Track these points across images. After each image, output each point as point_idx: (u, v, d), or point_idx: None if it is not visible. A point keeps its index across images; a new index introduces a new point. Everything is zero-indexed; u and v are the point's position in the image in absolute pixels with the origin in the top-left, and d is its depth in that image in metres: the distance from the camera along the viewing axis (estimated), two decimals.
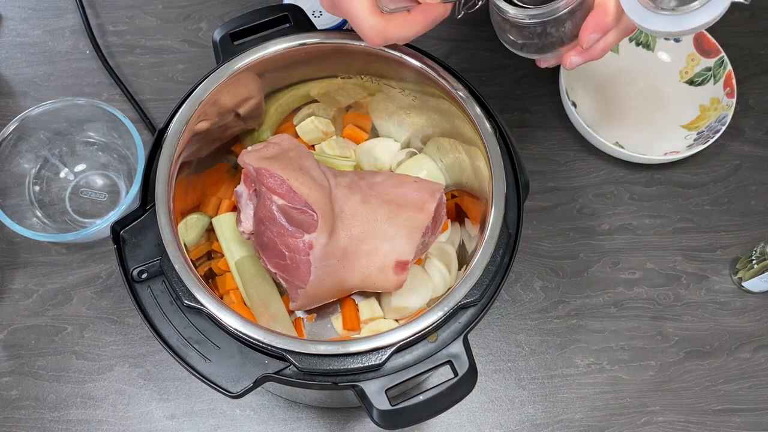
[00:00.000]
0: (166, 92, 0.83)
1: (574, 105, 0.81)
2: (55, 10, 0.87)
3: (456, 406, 0.51)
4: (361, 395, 0.51)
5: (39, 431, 0.68)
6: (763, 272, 0.73)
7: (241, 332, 0.51)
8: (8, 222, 0.68)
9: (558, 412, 0.71)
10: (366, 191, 0.63)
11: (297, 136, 0.74)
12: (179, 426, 0.69)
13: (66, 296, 0.73)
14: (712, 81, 0.83)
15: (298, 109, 0.72)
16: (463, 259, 0.68)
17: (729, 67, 0.82)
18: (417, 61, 0.61)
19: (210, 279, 0.68)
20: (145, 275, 0.54)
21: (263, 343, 0.50)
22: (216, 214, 0.69)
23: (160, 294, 0.53)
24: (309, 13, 0.64)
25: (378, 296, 0.70)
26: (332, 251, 0.60)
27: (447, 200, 0.67)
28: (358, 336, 0.68)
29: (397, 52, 0.61)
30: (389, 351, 0.51)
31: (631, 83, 0.86)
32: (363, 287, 0.63)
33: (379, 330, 0.65)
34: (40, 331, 0.72)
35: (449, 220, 0.71)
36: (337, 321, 0.70)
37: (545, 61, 0.57)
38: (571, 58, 0.54)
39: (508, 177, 0.58)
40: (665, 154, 0.80)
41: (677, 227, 0.80)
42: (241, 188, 0.64)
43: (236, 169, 0.69)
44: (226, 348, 0.52)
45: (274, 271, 0.62)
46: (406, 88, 0.66)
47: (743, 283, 0.76)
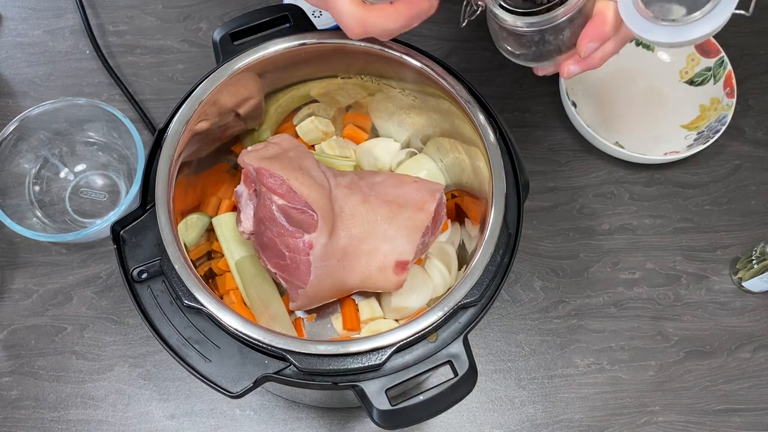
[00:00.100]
0: (166, 92, 0.83)
1: (574, 105, 0.81)
2: (55, 10, 0.87)
3: (456, 406, 0.51)
4: (361, 395, 0.51)
5: (39, 431, 0.68)
6: (763, 272, 0.73)
7: (241, 332, 0.51)
8: (8, 222, 0.68)
9: (558, 412, 0.71)
10: (366, 191, 0.63)
11: (297, 136, 0.74)
12: (179, 426, 0.69)
13: (66, 296, 0.73)
14: (712, 81, 0.83)
15: (298, 109, 0.72)
16: (463, 259, 0.68)
17: (729, 67, 0.82)
18: (417, 61, 0.61)
19: (210, 279, 0.68)
20: (145, 275, 0.54)
21: (263, 343, 0.50)
22: (216, 214, 0.69)
23: (160, 294, 0.53)
24: (309, 13, 0.64)
25: (378, 296, 0.70)
26: (332, 251, 0.60)
27: (447, 200, 0.67)
28: (358, 336, 0.68)
29: (397, 52, 0.61)
30: (389, 351, 0.51)
31: (631, 83, 0.86)
32: (363, 287, 0.63)
33: (379, 330, 0.65)
34: (40, 331, 0.72)
35: (449, 220, 0.71)
36: (337, 321, 0.70)
37: (542, 70, 0.57)
38: (568, 67, 0.54)
39: (508, 177, 0.58)
40: (665, 154, 0.80)
41: (677, 227, 0.80)
42: (241, 188, 0.64)
43: (236, 169, 0.69)
44: (226, 348, 0.52)
45: (274, 271, 0.62)
46: (406, 88, 0.66)
47: (743, 283, 0.76)
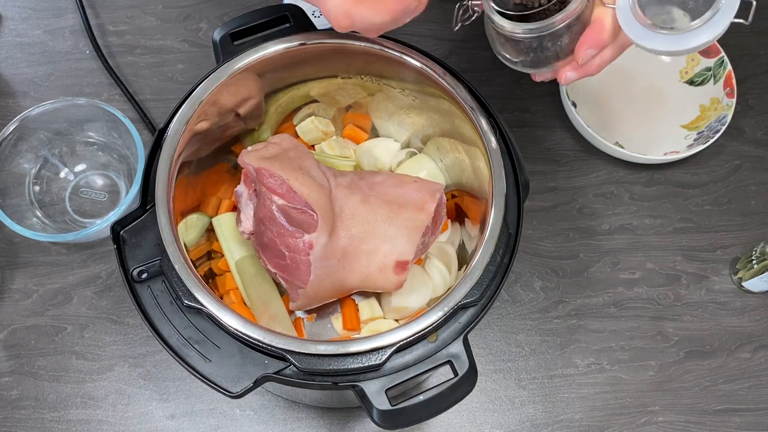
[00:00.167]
0: (166, 92, 0.83)
1: (574, 105, 0.81)
2: (55, 10, 0.87)
3: (456, 406, 0.51)
4: (361, 395, 0.51)
5: (39, 431, 0.68)
6: (763, 272, 0.73)
7: (241, 332, 0.51)
8: (8, 222, 0.68)
9: (558, 412, 0.71)
10: (366, 191, 0.63)
11: (297, 136, 0.73)
12: (179, 426, 0.69)
13: (66, 296, 0.73)
14: (712, 81, 0.83)
15: (298, 109, 0.72)
16: (463, 259, 0.68)
17: (729, 67, 0.81)
18: (417, 61, 0.61)
19: (210, 279, 0.68)
20: (145, 275, 0.54)
21: (263, 343, 0.50)
22: (216, 214, 0.69)
23: (160, 294, 0.53)
24: (309, 13, 0.64)
25: (378, 296, 0.70)
26: (332, 251, 0.60)
27: (447, 200, 0.67)
28: (358, 336, 0.68)
29: (397, 52, 0.61)
30: (389, 351, 0.51)
31: (631, 83, 0.86)
32: (363, 287, 0.63)
33: (379, 330, 0.65)
34: (40, 331, 0.72)
35: (449, 220, 0.71)
36: (337, 321, 0.70)
37: (540, 76, 0.57)
38: (566, 74, 0.54)
39: (508, 177, 0.58)
40: (665, 154, 0.80)
41: (677, 227, 0.80)
42: (241, 188, 0.64)
43: (236, 169, 0.69)
44: (226, 348, 0.52)
45: (274, 271, 0.62)
46: (406, 88, 0.66)
47: (743, 283, 0.76)
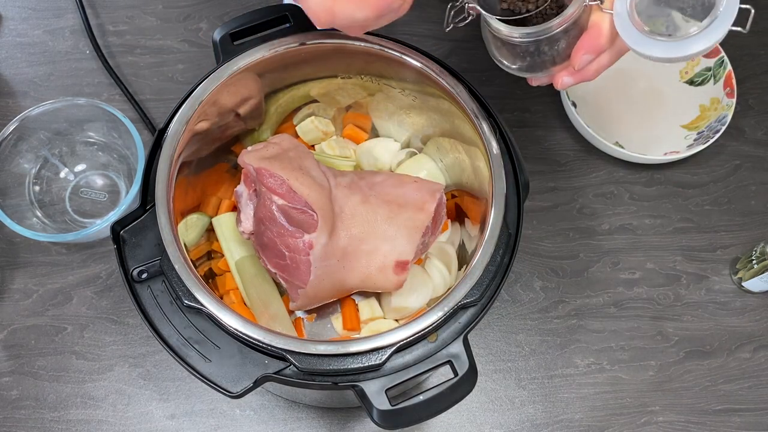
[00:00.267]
0: (166, 92, 0.83)
1: (574, 105, 0.81)
2: (55, 10, 0.87)
3: (456, 406, 0.51)
4: (361, 395, 0.51)
5: (39, 431, 0.68)
6: (763, 272, 0.73)
7: (241, 332, 0.51)
8: (8, 222, 0.68)
9: (558, 412, 0.71)
10: (366, 191, 0.63)
11: (297, 136, 0.74)
12: (179, 426, 0.69)
13: (66, 296, 0.73)
14: (712, 81, 0.83)
15: (298, 109, 0.72)
16: (463, 259, 0.68)
17: (729, 67, 0.81)
18: (417, 61, 0.61)
19: (210, 279, 0.68)
20: (145, 275, 0.54)
21: (263, 343, 0.50)
22: (216, 214, 0.69)
23: (160, 294, 0.53)
24: None
25: (378, 296, 0.70)
26: (332, 251, 0.60)
27: (447, 200, 0.67)
28: (358, 336, 0.68)
29: (397, 52, 0.61)
30: (389, 351, 0.51)
31: (631, 83, 0.86)
32: (363, 287, 0.63)
33: (379, 330, 0.65)
34: (40, 331, 0.72)
35: (449, 220, 0.71)
36: (337, 321, 0.70)
37: (536, 80, 0.57)
38: (562, 79, 0.53)
39: (508, 177, 0.58)
40: (665, 154, 0.80)
41: (677, 227, 0.80)
42: (241, 188, 0.64)
43: (236, 169, 0.69)
44: (226, 348, 0.52)
45: (274, 271, 0.62)
46: (406, 88, 0.66)
47: (743, 283, 0.76)
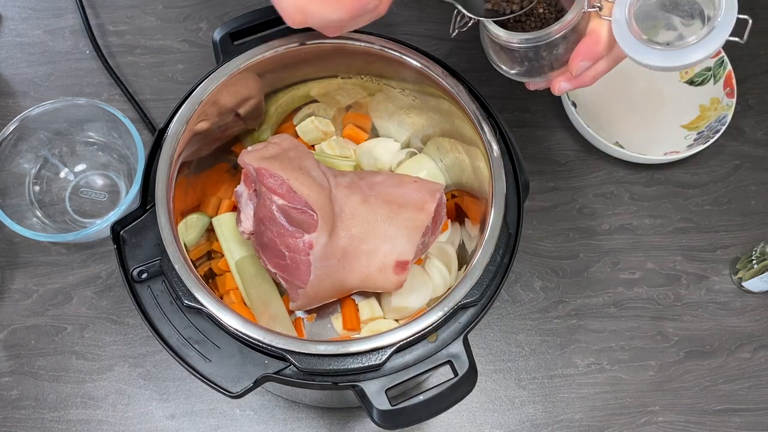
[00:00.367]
0: (166, 92, 0.83)
1: (574, 105, 0.81)
2: (55, 10, 0.87)
3: (456, 406, 0.51)
4: (361, 395, 0.51)
5: (39, 431, 0.68)
6: (763, 272, 0.73)
7: (241, 332, 0.51)
8: (8, 222, 0.68)
9: (558, 412, 0.71)
10: (366, 191, 0.63)
11: (297, 136, 0.74)
12: (179, 426, 0.69)
13: (66, 296, 0.73)
14: (712, 81, 0.83)
15: (298, 109, 0.72)
16: (463, 259, 0.68)
17: (729, 67, 0.81)
18: (417, 61, 0.61)
19: (210, 279, 0.68)
20: (145, 275, 0.54)
21: (263, 343, 0.50)
22: (216, 214, 0.69)
23: (160, 294, 0.53)
24: None
25: (378, 296, 0.70)
26: (332, 251, 0.60)
27: (447, 200, 0.67)
28: (358, 336, 0.68)
29: (397, 52, 0.61)
30: (389, 351, 0.51)
31: (631, 83, 0.86)
32: (363, 287, 0.63)
33: (379, 330, 0.65)
34: (40, 331, 0.72)
35: (449, 220, 0.71)
36: (337, 321, 0.70)
37: (534, 85, 0.57)
38: (560, 84, 0.54)
39: (508, 177, 0.58)
40: (665, 154, 0.80)
41: (677, 227, 0.80)
42: (241, 188, 0.64)
43: (236, 169, 0.69)
44: (226, 348, 0.52)
45: (274, 271, 0.62)
46: (406, 88, 0.66)
47: (743, 283, 0.76)
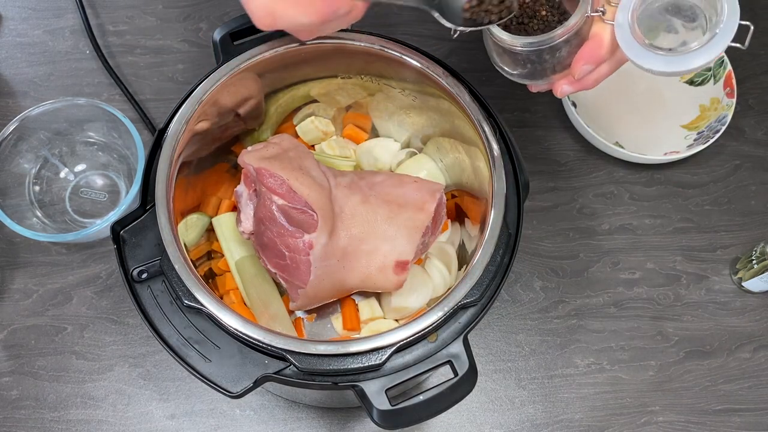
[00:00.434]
0: (166, 92, 0.83)
1: (574, 105, 0.81)
2: (55, 10, 0.87)
3: (456, 406, 0.51)
4: (361, 395, 0.51)
5: (39, 431, 0.68)
6: (763, 272, 0.73)
7: (241, 332, 0.51)
8: (8, 222, 0.68)
9: (558, 412, 0.71)
10: (366, 191, 0.63)
11: (297, 136, 0.74)
12: (179, 426, 0.69)
13: (66, 296, 0.73)
14: (712, 81, 0.83)
15: (298, 109, 0.72)
16: (463, 259, 0.68)
17: (729, 67, 0.81)
18: (417, 62, 0.61)
19: (210, 279, 0.68)
20: (145, 275, 0.54)
21: (263, 343, 0.50)
22: (216, 214, 0.69)
23: (160, 294, 0.53)
24: None
25: (378, 296, 0.70)
26: (332, 251, 0.60)
27: (447, 200, 0.67)
28: (358, 336, 0.68)
29: (396, 52, 0.61)
30: (389, 351, 0.51)
31: (631, 83, 0.86)
32: (363, 287, 0.63)
33: (379, 330, 0.65)
34: (40, 331, 0.72)
35: (449, 220, 0.71)
36: (337, 321, 0.70)
37: (536, 87, 0.57)
38: (562, 87, 0.54)
39: (508, 177, 0.58)
40: (665, 154, 0.80)
41: (677, 227, 0.80)
42: (241, 188, 0.64)
43: (236, 169, 0.69)
44: (226, 348, 0.52)
45: (274, 271, 0.62)
46: (406, 88, 0.66)
47: (743, 283, 0.76)
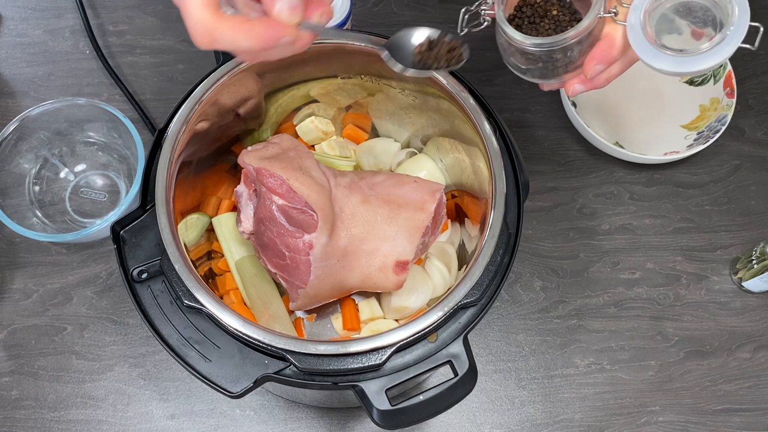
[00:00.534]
0: (166, 92, 0.83)
1: (574, 105, 0.81)
2: (55, 10, 0.87)
3: (456, 406, 0.51)
4: (361, 395, 0.51)
5: (39, 431, 0.68)
6: (763, 272, 0.73)
7: (241, 332, 0.51)
8: (8, 222, 0.68)
9: (558, 412, 0.71)
10: (366, 191, 0.63)
11: (297, 136, 0.74)
12: (179, 426, 0.69)
13: (66, 296, 0.73)
14: (712, 81, 0.83)
15: (298, 109, 0.72)
16: (463, 259, 0.68)
17: (729, 67, 0.81)
18: None
19: (210, 279, 0.68)
20: (145, 275, 0.54)
21: (263, 343, 0.50)
22: (216, 214, 0.69)
23: (160, 294, 0.53)
24: None
25: (378, 296, 0.70)
26: (332, 251, 0.60)
27: (447, 200, 0.67)
28: (358, 336, 0.68)
29: None
30: (389, 351, 0.51)
31: (631, 83, 0.86)
32: (363, 287, 0.63)
33: (379, 330, 0.65)
34: (40, 331, 0.72)
35: (449, 220, 0.71)
36: (337, 321, 0.70)
37: (548, 86, 0.58)
38: (574, 86, 0.55)
39: (508, 177, 0.58)
40: (665, 154, 0.80)
41: (677, 227, 0.80)
42: (241, 188, 0.64)
43: (236, 169, 0.69)
44: (226, 348, 0.52)
45: (274, 271, 0.62)
46: (406, 88, 0.66)
47: (743, 283, 0.76)
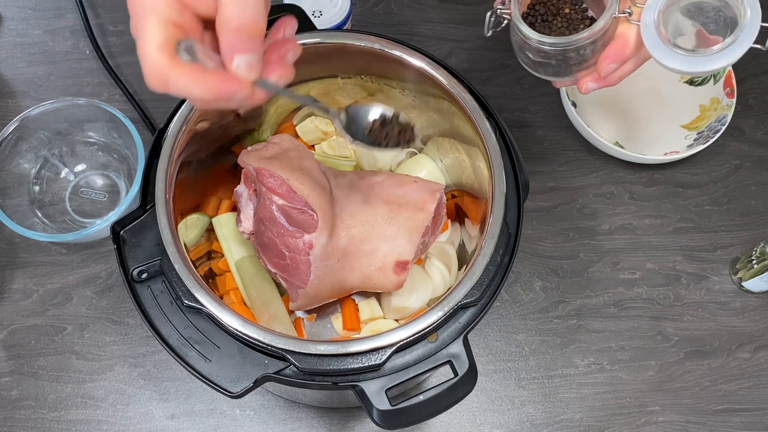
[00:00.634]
0: None
1: (574, 105, 0.81)
2: (55, 10, 0.87)
3: (456, 406, 0.51)
4: (361, 395, 0.51)
5: (39, 431, 0.68)
6: (763, 272, 0.73)
7: (241, 332, 0.51)
8: (8, 222, 0.68)
9: (558, 412, 0.71)
10: (366, 191, 0.63)
11: (297, 136, 0.74)
12: (179, 426, 0.69)
13: (66, 296, 0.73)
14: (712, 81, 0.83)
15: (298, 109, 0.72)
16: (463, 259, 0.68)
17: (729, 67, 0.81)
18: (417, 61, 0.61)
19: (210, 279, 0.68)
20: (145, 275, 0.54)
21: (263, 343, 0.50)
22: (216, 214, 0.69)
23: (160, 294, 0.53)
24: (309, 13, 0.64)
25: (378, 296, 0.70)
26: (332, 251, 0.60)
27: (447, 200, 0.67)
28: (358, 336, 0.68)
29: (397, 53, 0.61)
30: (389, 351, 0.51)
31: (631, 83, 0.85)
32: (363, 287, 0.63)
33: (379, 330, 0.65)
34: (40, 331, 0.72)
35: (449, 220, 0.71)
36: (337, 321, 0.70)
37: (561, 83, 0.58)
38: (587, 84, 0.55)
39: (508, 177, 0.58)
40: (665, 154, 0.80)
41: (677, 227, 0.80)
42: (241, 188, 0.64)
43: (236, 169, 0.68)
44: (226, 348, 0.52)
45: (274, 271, 0.62)
46: (406, 88, 0.66)
47: (743, 283, 0.76)
